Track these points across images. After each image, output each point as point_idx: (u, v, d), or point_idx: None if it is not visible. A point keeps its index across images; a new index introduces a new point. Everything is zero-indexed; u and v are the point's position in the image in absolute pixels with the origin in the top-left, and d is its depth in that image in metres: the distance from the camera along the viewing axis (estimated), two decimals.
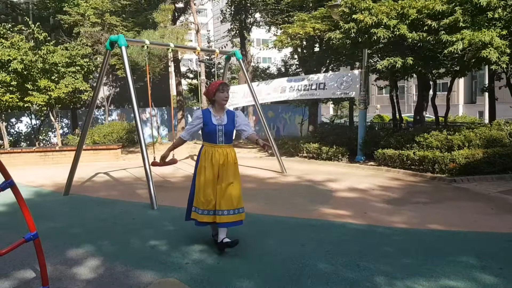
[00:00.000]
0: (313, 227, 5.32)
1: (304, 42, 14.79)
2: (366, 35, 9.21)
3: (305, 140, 12.79)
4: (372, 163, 10.62)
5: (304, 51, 16.21)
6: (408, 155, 9.32)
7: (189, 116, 25.00)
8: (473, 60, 8.72)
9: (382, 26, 8.95)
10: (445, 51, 8.38)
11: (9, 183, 2.91)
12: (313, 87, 12.29)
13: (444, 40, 8.20)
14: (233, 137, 4.58)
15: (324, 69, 16.61)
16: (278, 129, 24.04)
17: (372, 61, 13.68)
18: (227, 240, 4.25)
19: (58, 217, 6.15)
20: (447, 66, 11.71)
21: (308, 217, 5.84)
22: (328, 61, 16.03)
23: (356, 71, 11.53)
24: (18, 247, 3.05)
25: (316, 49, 16.54)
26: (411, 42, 9.04)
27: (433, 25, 8.44)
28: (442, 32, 8.29)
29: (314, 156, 11.92)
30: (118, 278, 3.72)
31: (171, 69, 22.67)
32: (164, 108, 23.70)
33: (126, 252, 4.45)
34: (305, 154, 12.37)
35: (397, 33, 8.91)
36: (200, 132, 4.52)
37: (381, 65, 9.37)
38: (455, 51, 8.04)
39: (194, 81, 28.98)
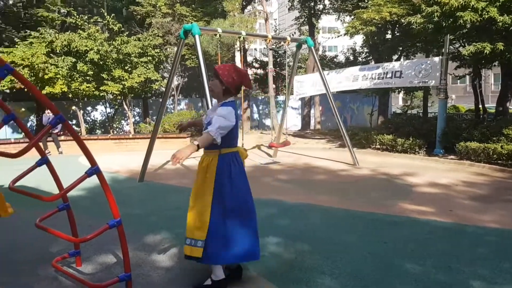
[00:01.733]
0: (394, 223, 4.99)
1: (375, 28, 14.16)
2: (451, 19, 8.54)
3: (377, 131, 12.25)
4: (452, 156, 9.95)
5: (375, 37, 15.53)
6: (495, 149, 8.59)
7: (254, 106, 25.10)
8: None
9: (469, 9, 8.25)
10: None
11: (95, 170, 2.89)
12: (388, 76, 11.71)
13: None
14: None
15: (396, 56, 15.86)
16: (346, 120, 23.43)
17: (452, 48, 12.80)
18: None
19: (135, 203, 6.28)
20: None
21: (387, 212, 5.50)
22: (401, 48, 15.25)
23: (436, 58, 10.81)
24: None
25: (388, 36, 15.81)
26: (502, 26, 8.25)
27: None
28: None
29: (388, 148, 11.38)
30: (196, 267, 3.65)
31: (237, 58, 22.76)
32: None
33: None
34: (378, 146, 11.85)
35: (486, 16, 8.17)
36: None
37: (467, 51, 8.66)
38: None
39: (259, 71, 28.99)
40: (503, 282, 3.32)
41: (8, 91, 15.63)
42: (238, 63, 23.27)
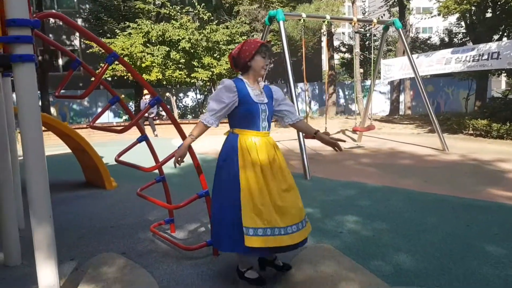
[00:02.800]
0: (479, 208, 4.84)
1: (473, 7, 13.27)
2: None
3: (471, 116, 11.61)
4: None
5: (474, 17, 14.56)
6: None
7: (340, 91, 24.71)
8: None
9: None
10: None
11: None
12: (484, 57, 11.00)
13: None
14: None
15: (497, 37, 14.75)
16: (439, 105, 22.28)
17: None
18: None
19: None
20: None
21: (473, 197, 5.33)
22: (503, 27, 14.15)
23: None
24: (191, 202, 3.43)
25: (488, 15, 14.73)
26: None
27: None
28: None
29: (482, 133, 10.77)
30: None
31: (323, 43, 22.58)
32: (315, 83, 23.83)
33: None
34: (471, 132, 11.24)
35: None
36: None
37: None
38: None
39: (346, 55, 28.48)
40: None
41: (110, 79, 17.08)
42: (324, 47, 23.11)
